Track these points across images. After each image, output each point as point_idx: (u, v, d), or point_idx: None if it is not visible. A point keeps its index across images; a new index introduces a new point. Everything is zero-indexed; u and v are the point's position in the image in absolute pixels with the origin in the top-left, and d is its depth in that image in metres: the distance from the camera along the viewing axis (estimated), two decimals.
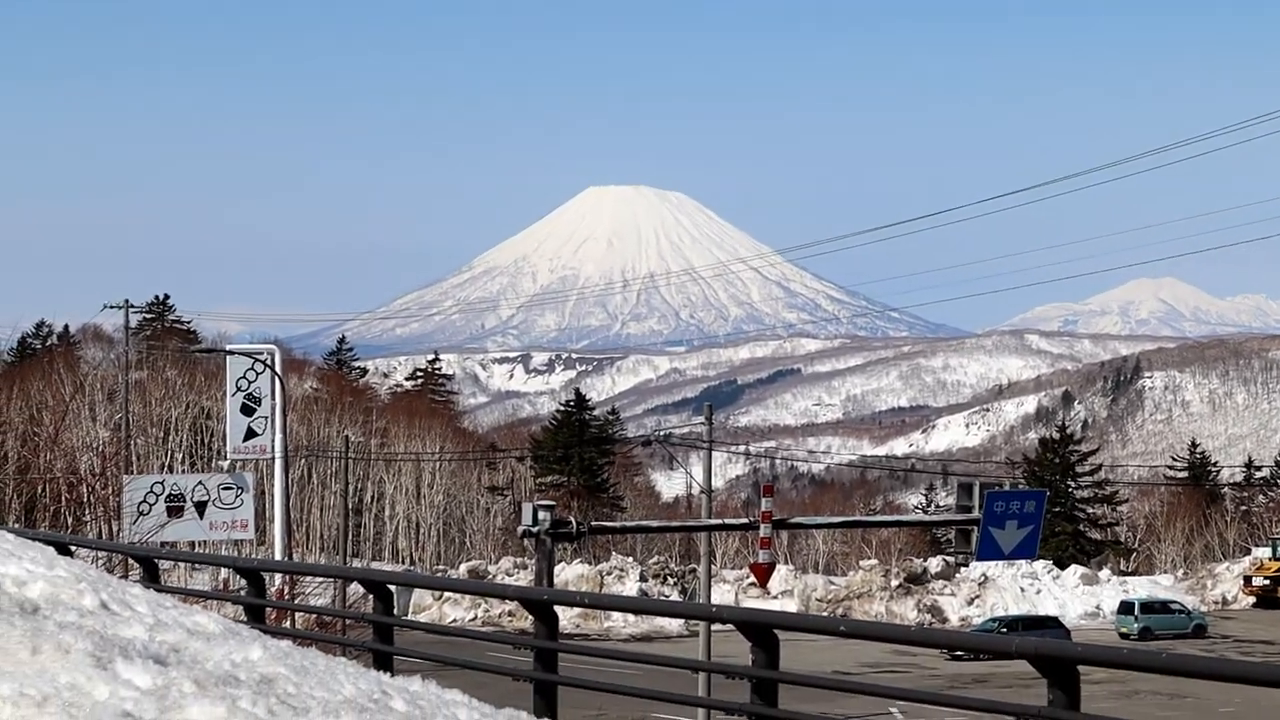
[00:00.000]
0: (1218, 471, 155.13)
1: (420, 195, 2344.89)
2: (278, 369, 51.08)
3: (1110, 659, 12.73)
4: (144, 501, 47.55)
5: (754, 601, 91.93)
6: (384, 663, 17.79)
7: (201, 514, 49.20)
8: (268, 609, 22.96)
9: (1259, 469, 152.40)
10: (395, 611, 20.95)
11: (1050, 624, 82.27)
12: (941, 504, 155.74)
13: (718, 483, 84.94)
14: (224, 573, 51.35)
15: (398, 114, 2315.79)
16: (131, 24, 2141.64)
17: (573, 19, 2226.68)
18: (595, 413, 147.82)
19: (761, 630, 14.23)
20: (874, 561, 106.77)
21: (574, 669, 22.40)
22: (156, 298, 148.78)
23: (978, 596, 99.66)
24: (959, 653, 73.59)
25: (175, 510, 48.18)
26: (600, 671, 20.00)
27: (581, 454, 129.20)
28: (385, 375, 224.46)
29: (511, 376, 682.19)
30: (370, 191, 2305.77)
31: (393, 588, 20.13)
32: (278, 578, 41.68)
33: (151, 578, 23.07)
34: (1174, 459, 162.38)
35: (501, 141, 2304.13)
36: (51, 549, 16.46)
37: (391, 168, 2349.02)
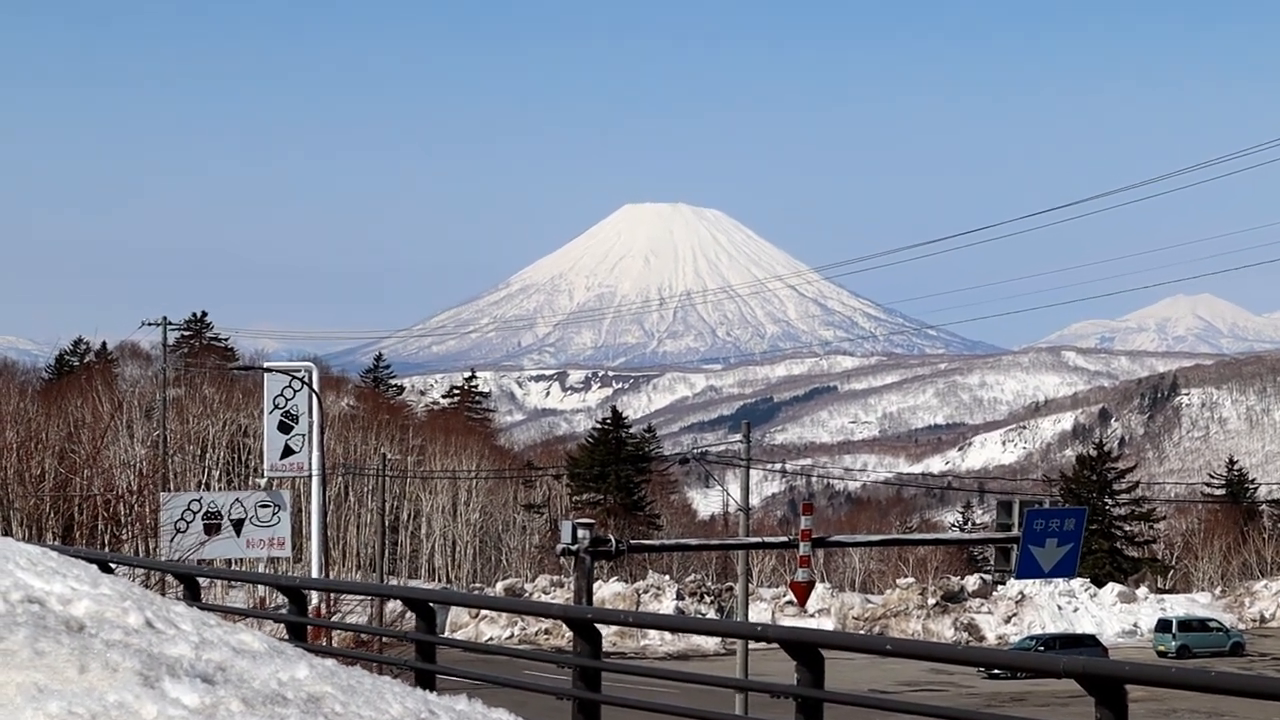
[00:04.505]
0: (1255, 489, 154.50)
1: (457, 213, 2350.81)
2: (315, 386, 51.05)
3: (1157, 678, 12.67)
4: (181, 519, 47.51)
5: (790, 619, 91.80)
6: (427, 681, 17.79)
7: (238, 532, 49.14)
8: (308, 627, 22.92)
9: None
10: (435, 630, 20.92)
11: (1088, 642, 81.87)
12: (978, 522, 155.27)
13: (754, 501, 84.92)
14: (260, 590, 51.38)
15: (434, 133, 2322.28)
16: (165, 38, 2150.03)
17: (610, 36, 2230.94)
18: (632, 430, 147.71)
19: (806, 649, 14.21)
20: (911, 580, 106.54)
21: (612, 687, 22.36)
22: (194, 315, 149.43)
23: (1015, 614, 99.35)
24: (995, 671, 73.30)
25: (212, 528, 48.11)
26: (638, 690, 19.98)
27: (618, 472, 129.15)
28: (422, 393, 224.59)
29: (548, 394, 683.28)
30: (407, 210, 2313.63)
31: (434, 606, 20.11)
32: (315, 596, 41.66)
33: (193, 596, 23.09)
34: (1211, 476, 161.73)
35: (538, 159, 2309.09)
36: (94, 567, 16.47)
37: (429, 186, 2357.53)
